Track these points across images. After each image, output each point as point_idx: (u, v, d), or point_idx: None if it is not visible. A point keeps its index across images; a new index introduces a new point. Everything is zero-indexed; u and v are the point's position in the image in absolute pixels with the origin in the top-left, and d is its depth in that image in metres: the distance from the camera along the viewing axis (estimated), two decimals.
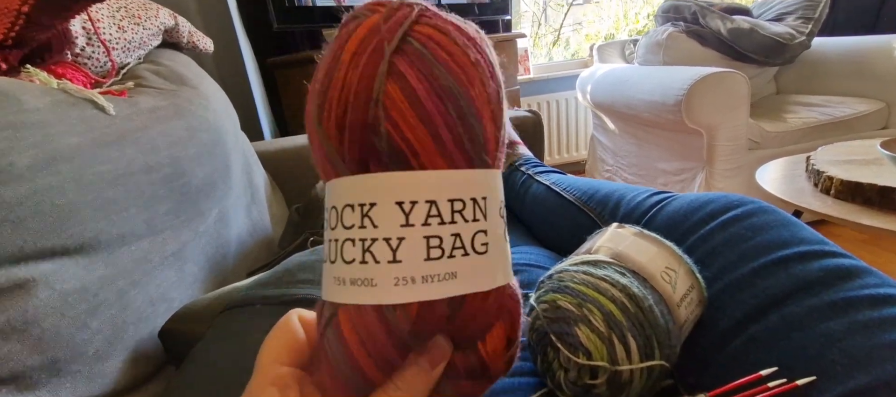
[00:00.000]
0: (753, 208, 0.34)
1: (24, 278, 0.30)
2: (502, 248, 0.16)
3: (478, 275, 0.15)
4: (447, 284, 0.15)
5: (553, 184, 0.58)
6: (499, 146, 0.16)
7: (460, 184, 0.15)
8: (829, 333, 0.24)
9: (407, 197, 0.14)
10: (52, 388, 0.30)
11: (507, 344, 0.17)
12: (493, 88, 0.16)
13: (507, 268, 0.17)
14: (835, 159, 0.89)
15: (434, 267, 0.14)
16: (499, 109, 0.16)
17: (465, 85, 0.15)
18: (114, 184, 0.39)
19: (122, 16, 0.60)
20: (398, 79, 0.14)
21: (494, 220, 0.16)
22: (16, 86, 0.35)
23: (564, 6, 2.33)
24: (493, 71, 0.16)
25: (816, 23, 1.45)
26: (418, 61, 0.14)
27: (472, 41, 0.16)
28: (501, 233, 0.16)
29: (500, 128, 0.16)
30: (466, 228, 0.15)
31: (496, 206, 0.16)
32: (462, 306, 0.15)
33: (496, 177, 0.16)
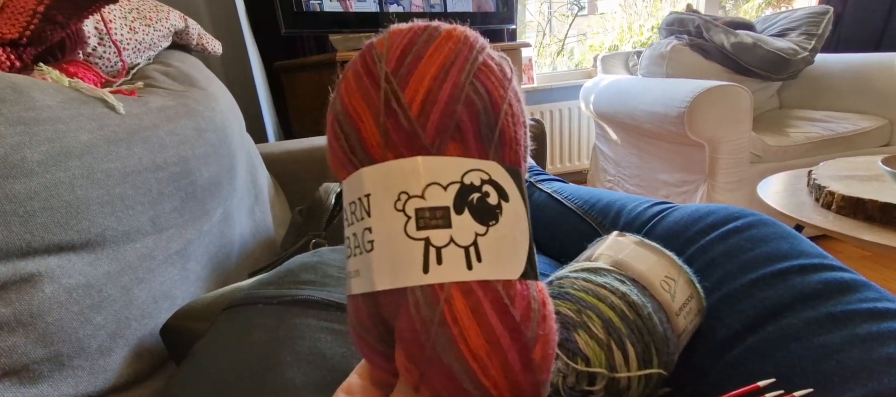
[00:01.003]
0: (754, 220, 0.34)
1: (31, 272, 0.31)
2: (398, 245, 0.15)
3: (369, 274, 0.15)
4: (356, 281, 0.16)
5: (555, 193, 0.58)
6: (385, 140, 0.16)
7: (350, 188, 0.16)
8: (827, 345, 0.24)
9: (343, 204, 0.17)
10: (54, 382, 0.31)
11: (407, 359, 0.15)
12: (367, 84, 0.16)
13: (407, 268, 0.15)
14: (836, 174, 0.89)
15: (349, 264, 0.16)
16: (378, 102, 0.16)
17: (343, 101, 0.17)
18: (122, 181, 0.39)
19: (133, 17, 0.61)
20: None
21: (384, 216, 0.15)
22: (29, 83, 0.36)
23: (569, 17, 2.35)
24: (371, 74, 0.16)
25: (820, 39, 1.46)
26: (332, 102, 0.17)
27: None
28: (399, 229, 0.15)
29: (379, 119, 0.16)
30: (359, 227, 0.16)
31: (388, 200, 0.15)
32: (376, 305, 0.16)
33: (388, 171, 0.15)
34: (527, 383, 0.15)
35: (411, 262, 0.14)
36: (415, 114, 0.15)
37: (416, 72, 0.15)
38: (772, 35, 1.55)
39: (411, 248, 0.14)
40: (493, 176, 0.16)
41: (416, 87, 0.15)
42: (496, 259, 0.15)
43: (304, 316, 0.34)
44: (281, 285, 0.39)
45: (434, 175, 0.15)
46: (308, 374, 0.28)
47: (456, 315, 0.14)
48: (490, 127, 0.16)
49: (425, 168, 0.15)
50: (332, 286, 0.37)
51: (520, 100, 0.18)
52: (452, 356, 0.14)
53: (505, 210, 0.16)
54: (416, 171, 0.15)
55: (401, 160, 0.15)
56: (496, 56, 0.17)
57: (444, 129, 0.15)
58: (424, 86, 0.15)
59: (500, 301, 0.15)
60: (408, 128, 0.15)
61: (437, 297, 0.14)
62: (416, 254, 0.14)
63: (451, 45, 0.16)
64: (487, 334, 0.14)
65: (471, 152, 0.16)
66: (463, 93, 0.15)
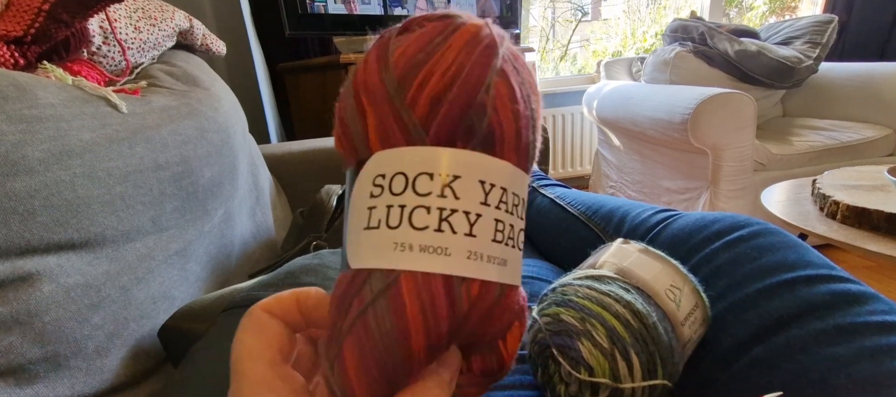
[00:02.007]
0: (760, 229, 0.34)
1: (30, 271, 0.30)
2: (520, 250, 0.17)
3: (514, 269, 0.16)
4: (500, 270, 0.16)
5: (557, 198, 0.58)
6: (535, 151, 0.18)
7: (520, 181, 0.17)
8: (835, 358, 0.24)
9: (488, 178, 0.16)
10: (50, 382, 0.30)
11: (518, 346, 0.17)
12: (537, 99, 0.18)
13: (520, 271, 0.17)
14: (841, 184, 0.88)
15: (496, 249, 0.16)
16: (538, 119, 0.18)
17: (534, 90, 0.17)
18: (123, 180, 0.39)
19: (138, 17, 0.61)
20: (502, 76, 0.16)
21: (523, 221, 0.17)
22: (32, 81, 0.36)
23: (573, 22, 2.35)
24: (534, 78, 0.18)
25: (824, 48, 1.45)
26: (513, 67, 0.17)
27: (527, 64, 0.18)
28: (522, 234, 0.17)
29: (537, 134, 0.18)
30: (516, 222, 0.16)
31: (524, 208, 0.17)
32: (503, 296, 0.16)
33: (527, 181, 0.18)
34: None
35: (521, 266, 0.18)
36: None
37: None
38: (776, 43, 1.55)
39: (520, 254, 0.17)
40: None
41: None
42: None
43: None
44: (281, 287, 0.38)
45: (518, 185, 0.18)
46: None
47: None
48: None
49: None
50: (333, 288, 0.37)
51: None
52: None
53: None
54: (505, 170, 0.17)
55: (527, 174, 0.18)
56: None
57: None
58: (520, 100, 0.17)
59: None
60: (514, 137, 0.17)
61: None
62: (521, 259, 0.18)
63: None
64: None
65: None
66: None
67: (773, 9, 2.31)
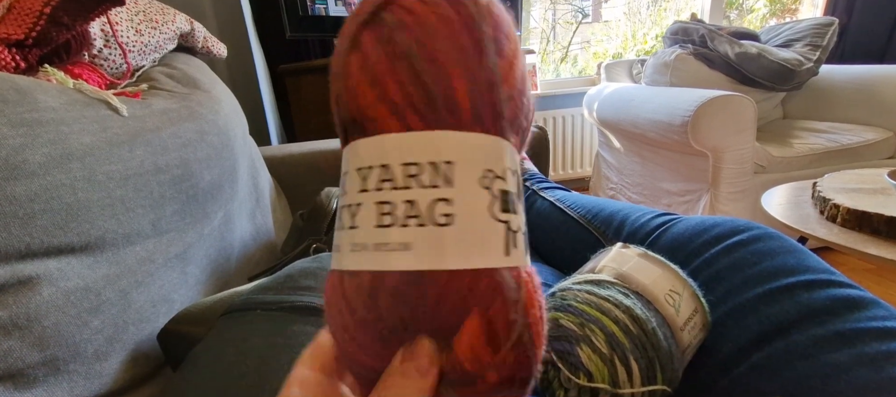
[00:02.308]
0: (759, 233, 0.34)
1: (29, 275, 0.30)
2: (482, 224, 0.14)
3: (437, 250, 0.13)
4: (400, 255, 0.14)
5: (557, 201, 0.58)
6: (479, 109, 0.14)
7: (414, 147, 0.14)
8: (836, 364, 0.24)
9: (364, 162, 0.14)
10: (49, 386, 0.30)
11: (490, 343, 0.14)
12: (468, 44, 0.14)
13: (490, 250, 0.14)
14: (841, 187, 0.88)
15: (384, 234, 0.14)
16: (477, 68, 0.14)
17: (424, 43, 0.14)
18: (123, 183, 0.39)
19: (140, 20, 0.61)
20: (358, 50, 0.15)
21: (468, 190, 0.14)
22: (32, 84, 0.36)
23: (573, 24, 2.35)
24: (470, 26, 0.14)
25: (824, 50, 1.45)
26: (379, 30, 0.14)
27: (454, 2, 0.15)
28: (483, 207, 0.14)
29: (480, 88, 0.14)
30: (422, 195, 0.14)
31: (474, 174, 0.14)
32: (419, 284, 0.14)
33: (477, 142, 0.14)
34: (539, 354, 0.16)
35: (495, 243, 0.14)
36: (505, 94, 0.15)
37: (506, 49, 0.15)
38: (776, 46, 1.55)
39: (496, 229, 0.14)
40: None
41: (507, 66, 0.15)
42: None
43: (303, 322, 0.33)
44: (280, 291, 0.38)
45: (510, 160, 0.15)
46: None
47: (531, 297, 0.15)
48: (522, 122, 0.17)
49: (505, 151, 0.15)
50: None
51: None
52: (530, 337, 0.14)
53: None
54: (499, 152, 0.15)
55: (489, 137, 0.15)
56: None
57: (515, 118, 0.15)
58: (516, 67, 0.15)
59: (535, 284, 0.16)
60: (499, 107, 0.15)
61: (520, 279, 0.14)
62: (499, 235, 0.14)
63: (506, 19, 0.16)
64: (542, 316, 0.15)
65: (518, 145, 0.16)
66: (525, 85, 0.16)
67: (773, 11, 2.32)
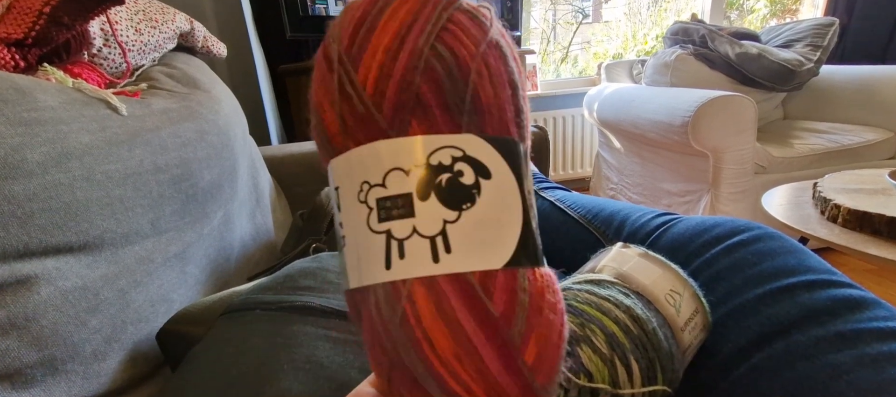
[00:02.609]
0: (760, 233, 0.33)
1: (27, 274, 0.30)
2: (363, 240, 0.14)
3: (344, 271, 0.15)
4: (343, 277, 0.15)
5: (557, 201, 0.58)
6: (347, 126, 0.14)
7: (330, 180, 0.15)
8: (837, 365, 0.23)
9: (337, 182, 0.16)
10: (47, 386, 0.30)
11: (376, 366, 0.14)
12: (324, 63, 0.15)
13: (372, 266, 0.13)
14: (842, 187, 0.88)
15: (339, 258, 0.16)
16: (331, 81, 0.14)
17: (310, 92, 0.15)
18: (122, 183, 0.39)
19: (139, 19, 0.61)
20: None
21: (350, 209, 0.14)
22: (31, 83, 0.36)
23: (574, 24, 2.35)
24: (327, 58, 0.15)
25: (825, 51, 1.45)
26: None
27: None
28: (361, 221, 0.14)
29: (346, 98, 0.14)
30: (336, 221, 0.15)
31: (352, 192, 0.14)
32: (354, 301, 0.15)
33: (350, 160, 0.14)
34: (513, 388, 0.13)
35: (374, 258, 0.13)
36: (369, 94, 0.13)
37: (369, 46, 0.14)
38: (777, 46, 1.55)
39: (374, 242, 0.13)
40: (469, 151, 0.14)
41: (368, 63, 0.14)
42: (471, 247, 0.13)
43: (303, 322, 0.33)
44: (280, 291, 0.38)
45: (394, 159, 0.13)
46: (305, 383, 0.28)
47: (419, 314, 0.13)
48: (459, 93, 0.14)
49: (385, 152, 0.13)
50: (332, 292, 0.37)
51: (503, 57, 0.15)
52: (416, 360, 0.13)
53: (485, 190, 0.14)
54: (375, 157, 0.13)
55: (360, 147, 0.14)
56: (470, 7, 0.15)
57: (402, 106, 0.13)
58: (377, 60, 0.14)
59: (473, 295, 0.13)
60: (362, 111, 0.14)
61: (399, 295, 0.13)
62: (378, 248, 0.13)
63: (408, 7, 0.14)
64: (456, 335, 0.13)
65: (439, 127, 0.14)
66: (421, 60, 0.14)
67: (773, 11, 2.32)
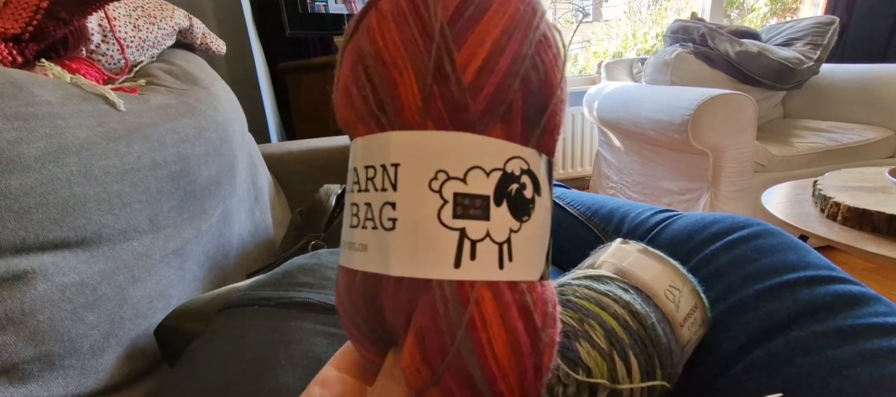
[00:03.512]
0: (760, 230, 0.33)
1: (24, 269, 0.30)
2: (428, 230, 0.13)
3: (386, 255, 0.13)
4: (360, 256, 0.14)
5: (557, 198, 0.58)
6: (426, 103, 0.13)
7: (372, 150, 0.14)
8: (836, 360, 0.23)
9: (349, 165, 0.15)
10: (44, 381, 0.30)
11: (422, 361, 0.13)
12: (414, 35, 0.13)
13: (433, 260, 0.13)
14: (842, 185, 0.88)
15: (352, 235, 0.14)
16: (428, 55, 0.13)
17: (376, 42, 0.14)
18: (120, 178, 0.39)
19: (138, 15, 0.61)
20: (340, 64, 0.15)
21: (413, 193, 0.13)
22: (29, 78, 0.36)
23: (574, 23, 2.35)
24: (417, 15, 0.13)
25: (825, 49, 1.45)
26: (355, 37, 0.15)
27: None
28: (431, 213, 0.13)
29: (443, 78, 0.13)
30: (376, 198, 0.14)
31: (422, 176, 0.13)
32: (376, 288, 0.14)
33: (426, 141, 0.13)
34: (535, 388, 0.14)
35: (442, 253, 0.13)
36: (468, 82, 0.13)
37: (476, 31, 0.13)
38: (777, 44, 1.55)
39: (444, 237, 0.13)
40: (532, 166, 0.14)
41: (473, 49, 0.13)
42: (524, 258, 0.14)
43: (301, 318, 0.33)
44: (278, 287, 0.38)
45: (478, 157, 0.13)
46: (303, 378, 0.28)
47: (485, 318, 0.13)
48: (539, 110, 0.14)
49: (470, 147, 0.13)
50: (330, 289, 0.37)
51: (565, 83, 0.16)
52: (476, 361, 0.13)
53: (537, 205, 0.14)
54: (459, 150, 0.13)
55: (444, 133, 0.13)
56: (554, 26, 0.15)
57: (496, 106, 0.13)
58: (484, 50, 0.13)
59: (526, 305, 0.13)
60: (458, 97, 0.13)
61: (468, 297, 0.13)
62: (450, 244, 0.13)
63: (513, 5, 0.14)
64: (512, 340, 0.13)
65: (515, 136, 0.14)
66: (523, 67, 0.13)
67: (774, 10, 2.31)
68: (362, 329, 0.15)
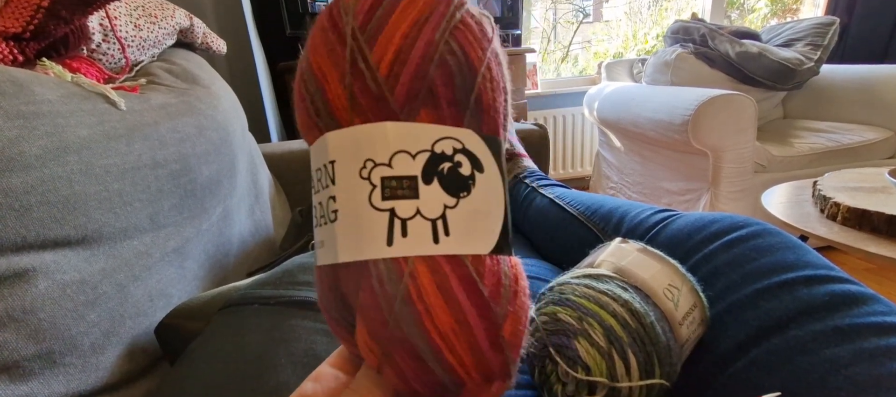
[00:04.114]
0: (759, 229, 0.33)
1: (25, 267, 0.30)
2: (363, 215, 0.14)
3: (333, 246, 0.14)
4: (321, 252, 0.15)
5: (557, 198, 0.58)
6: (350, 102, 0.14)
7: (316, 153, 0.16)
8: (834, 359, 0.23)
9: (312, 171, 0.16)
10: (45, 379, 0.30)
11: (373, 338, 0.14)
12: (333, 36, 0.15)
13: (372, 240, 0.14)
14: (842, 186, 0.88)
15: (317, 233, 0.16)
16: (343, 55, 0.15)
17: (311, 49, 0.15)
18: (121, 177, 0.39)
19: (139, 14, 0.61)
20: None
21: (348, 184, 0.14)
22: (29, 77, 0.36)
23: (574, 23, 2.35)
24: (335, 16, 0.15)
25: (825, 50, 1.45)
26: (300, 59, 0.16)
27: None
28: (363, 198, 0.14)
29: (358, 74, 0.14)
30: (323, 195, 0.15)
31: (353, 168, 0.14)
32: (335, 278, 0.15)
33: (354, 136, 0.14)
34: (495, 361, 0.15)
35: (375, 234, 0.14)
36: (383, 75, 0.14)
37: (386, 28, 0.14)
38: (777, 45, 1.55)
39: (375, 219, 0.14)
40: (467, 145, 0.15)
41: (385, 44, 0.14)
42: (466, 232, 0.14)
43: (301, 317, 0.33)
44: (278, 285, 0.38)
45: (402, 142, 0.14)
46: (303, 377, 0.28)
47: (421, 290, 0.14)
48: (466, 91, 0.15)
49: (394, 134, 0.14)
50: None
51: (500, 64, 0.16)
52: (417, 333, 0.14)
53: (478, 182, 0.15)
54: (383, 138, 0.14)
55: (367, 125, 0.14)
56: (476, 12, 0.16)
57: (415, 93, 0.14)
58: (394, 44, 0.14)
59: (469, 276, 0.14)
60: (375, 90, 0.14)
61: (401, 271, 0.14)
62: (381, 225, 0.14)
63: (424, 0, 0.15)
64: (454, 311, 0.14)
65: (444, 119, 0.15)
66: (437, 53, 0.14)
67: (774, 11, 2.31)
68: (339, 321, 0.16)
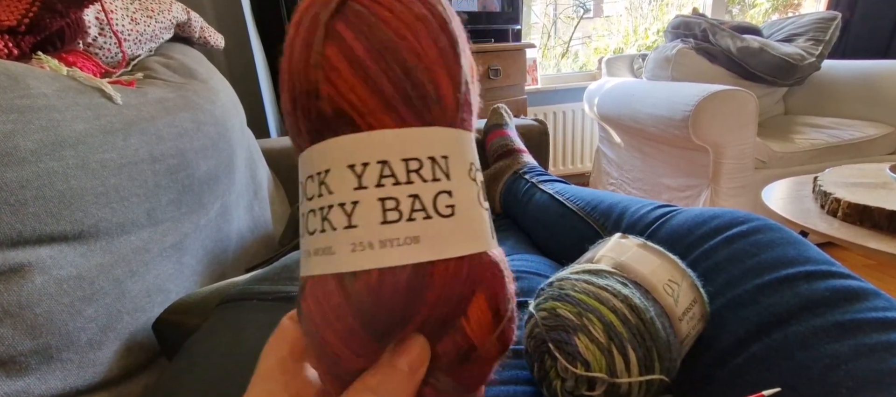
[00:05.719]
0: (759, 225, 0.33)
1: (21, 262, 0.30)
2: (475, 212, 0.15)
3: (444, 240, 0.14)
4: (409, 249, 0.14)
5: (556, 193, 0.58)
6: (460, 105, 0.15)
7: (413, 143, 0.14)
8: (835, 355, 0.23)
9: (358, 159, 0.14)
10: (42, 374, 0.30)
11: (494, 318, 0.15)
12: (446, 43, 0.15)
13: (482, 235, 0.15)
14: (842, 181, 0.88)
15: (392, 230, 0.14)
16: (455, 66, 0.15)
17: (409, 40, 0.14)
18: (118, 172, 0.39)
19: (135, 8, 0.61)
20: (337, 40, 0.14)
21: (462, 181, 0.15)
22: (24, 70, 0.36)
23: (574, 19, 2.34)
24: (444, 26, 0.15)
25: (827, 45, 1.44)
26: (356, 21, 0.14)
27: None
28: (474, 197, 0.15)
29: (459, 85, 0.15)
30: (426, 189, 0.14)
31: (464, 167, 0.15)
32: (431, 275, 0.14)
33: (461, 137, 0.15)
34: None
35: (487, 229, 0.16)
36: (473, 91, 0.16)
37: (468, 48, 0.16)
38: (778, 40, 1.54)
39: (483, 216, 0.16)
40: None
41: (471, 61, 0.16)
42: None
43: None
44: (276, 281, 0.38)
45: (476, 152, 0.16)
46: None
47: (509, 272, 0.16)
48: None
49: (469, 141, 0.16)
50: None
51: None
52: (516, 313, 0.17)
53: None
54: (474, 146, 0.16)
55: (467, 132, 0.16)
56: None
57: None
58: (473, 65, 0.17)
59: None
60: (470, 104, 0.16)
61: (502, 258, 0.16)
62: (487, 220, 0.16)
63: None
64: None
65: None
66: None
67: (775, 6, 2.30)
68: (373, 332, 0.14)
